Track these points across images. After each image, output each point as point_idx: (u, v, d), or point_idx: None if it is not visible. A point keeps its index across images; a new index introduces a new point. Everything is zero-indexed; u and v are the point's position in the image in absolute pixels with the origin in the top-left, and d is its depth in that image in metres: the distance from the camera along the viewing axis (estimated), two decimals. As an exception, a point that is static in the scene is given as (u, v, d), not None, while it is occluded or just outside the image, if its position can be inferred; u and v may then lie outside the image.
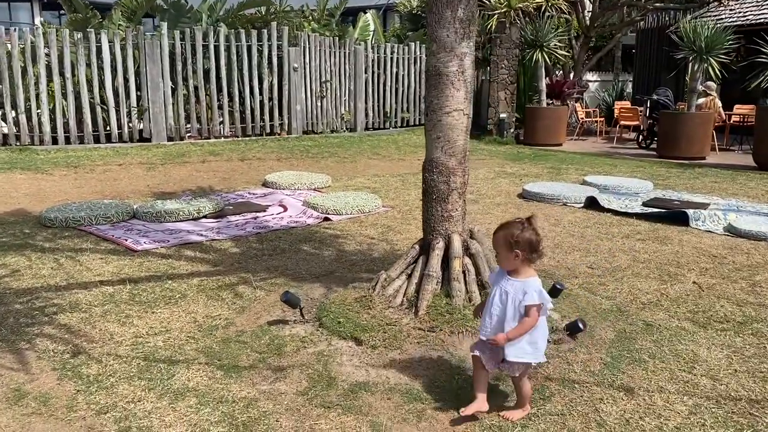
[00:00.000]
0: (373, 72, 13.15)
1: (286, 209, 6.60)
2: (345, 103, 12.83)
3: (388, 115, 13.60)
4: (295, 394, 2.81)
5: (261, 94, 11.59)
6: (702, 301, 3.96)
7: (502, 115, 13.02)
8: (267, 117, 11.72)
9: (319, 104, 12.36)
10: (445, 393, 2.82)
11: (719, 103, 11.55)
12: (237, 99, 11.43)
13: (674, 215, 6.21)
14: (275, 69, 11.73)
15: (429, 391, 2.83)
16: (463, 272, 3.43)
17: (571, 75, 15.09)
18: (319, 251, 5.04)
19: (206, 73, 11.01)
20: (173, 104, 10.72)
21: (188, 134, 11.03)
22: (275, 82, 11.79)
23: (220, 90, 11.23)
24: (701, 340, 3.39)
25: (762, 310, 3.83)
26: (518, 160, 10.54)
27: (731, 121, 12.32)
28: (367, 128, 13.20)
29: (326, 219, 6.16)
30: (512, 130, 13.13)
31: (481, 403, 2.58)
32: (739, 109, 12.40)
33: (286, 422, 2.60)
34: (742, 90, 10.55)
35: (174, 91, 10.79)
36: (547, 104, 12.75)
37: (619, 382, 2.93)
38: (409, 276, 3.53)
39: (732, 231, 5.72)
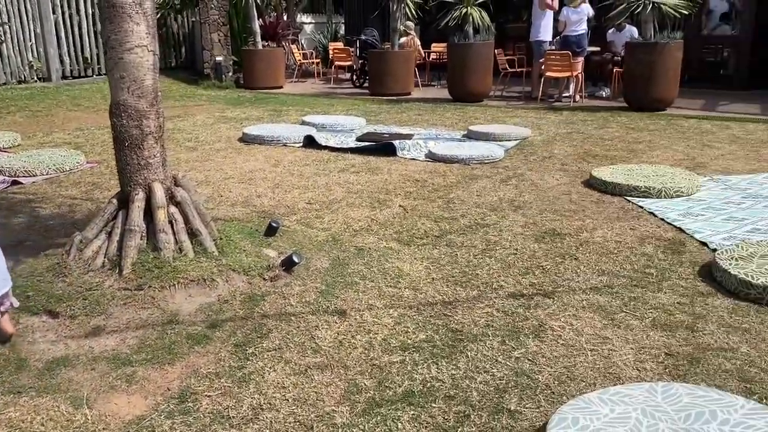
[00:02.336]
0: (63, 12, 11.57)
1: (-39, 176, 5.56)
2: (33, 48, 11.15)
3: (89, 61, 12.19)
4: (-27, 388, 2.40)
5: None
6: (406, 222, 4.32)
7: (218, 59, 12.56)
8: (-71, 68, 9.69)
9: (-2, 51, 10.56)
10: (157, 350, 2.65)
11: (418, 42, 12.57)
12: None
13: (384, 147, 6.65)
14: (-68, 9, 9.66)
15: (139, 351, 2.63)
16: (170, 222, 3.22)
17: (285, 16, 15.09)
18: (6, 220, 4.35)
19: None
20: None
21: None
22: (-66, 24, 9.74)
23: None
24: (405, 257, 3.69)
25: (454, 222, 4.31)
26: (239, 104, 10.32)
27: (430, 59, 13.54)
28: (65, 77, 11.69)
29: (15, 183, 5.33)
30: (231, 74, 12.78)
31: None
32: (436, 47, 13.66)
33: (-39, 422, 2.20)
34: (437, 29, 11.57)
35: None
36: (263, 46, 12.61)
37: (333, 307, 3.05)
38: (110, 234, 3.20)
39: (432, 157, 6.32)
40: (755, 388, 2.35)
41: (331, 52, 14.06)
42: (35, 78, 11.16)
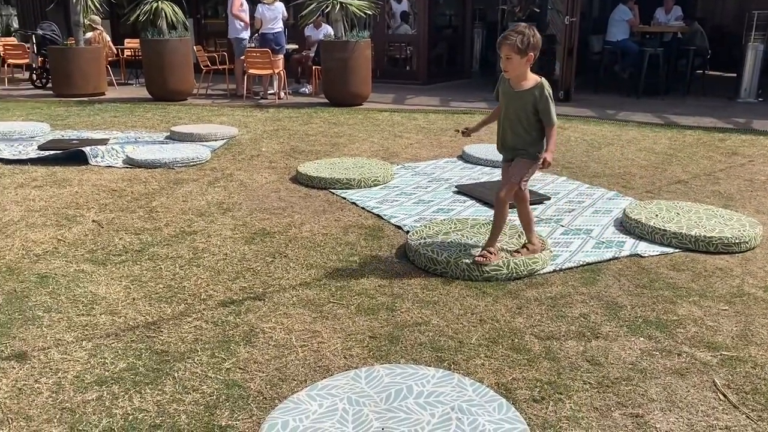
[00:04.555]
0: None
1: None
2: None
3: None
4: None
5: None
6: (101, 238, 3.90)
7: None
8: None
9: None
10: None
11: (108, 37, 11.57)
12: None
13: (73, 155, 5.96)
14: None
15: None
16: None
17: (-65, 5, 12.64)
18: None
19: None
20: None
21: None
22: None
23: None
24: (101, 278, 3.32)
25: (157, 233, 4.02)
26: None
27: (125, 55, 12.58)
28: None
29: None
30: None
31: None
32: (130, 42, 12.73)
33: None
34: (128, 23, 10.77)
35: None
36: None
37: (9, 351, 2.59)
38: None
39: (131, 162, 5.85)
40: (444, 355, 2.60)
41: (1, 48, 12.20)
42: None
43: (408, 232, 3.98)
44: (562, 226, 4.18)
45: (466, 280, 3.32)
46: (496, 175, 5.54)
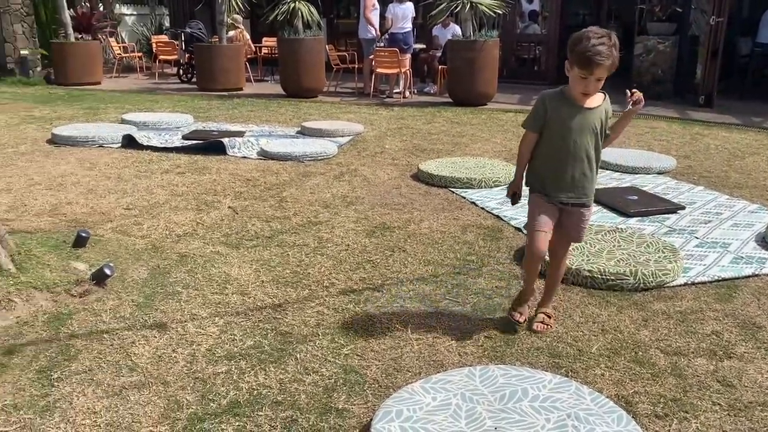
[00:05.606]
0: None
1: None
2: None
3: None
4: None
5: None
6: (235, 224, 4.16)
7: (24, 52, 11.37)
8: None
9: None
10: (-63, 389, 2.30)
11: (248, 36, 12.27)
12: None
13: (212, 145, 6.39)
14: None
15: None
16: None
17: (100, 7, 14.01)
18: None
19: None
20: None
21: None
22: None
23: None
24: (233, 261, 3.55)
25: (286, 221, 4.23)
26: (49, 102, 9.40)
27: (262, 53, 13.28)
28: None
29: None
30: (39, 69, 11.61)
31: None
32: (267, 41, 13.42)
33: None
34: (267, 23, 11.35)
35: None
36: (76, 39, 11.59)
37: (152, 321, 2.85)
38: None
39: (264, 154, 6.18)
40: (562, 362, 2.54)
41: (154, 45, 13.29)
42: None
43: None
44: (697, 237, 3.93)
45: (588, 288, 3.21)
46: (626, 180, 5.30)
